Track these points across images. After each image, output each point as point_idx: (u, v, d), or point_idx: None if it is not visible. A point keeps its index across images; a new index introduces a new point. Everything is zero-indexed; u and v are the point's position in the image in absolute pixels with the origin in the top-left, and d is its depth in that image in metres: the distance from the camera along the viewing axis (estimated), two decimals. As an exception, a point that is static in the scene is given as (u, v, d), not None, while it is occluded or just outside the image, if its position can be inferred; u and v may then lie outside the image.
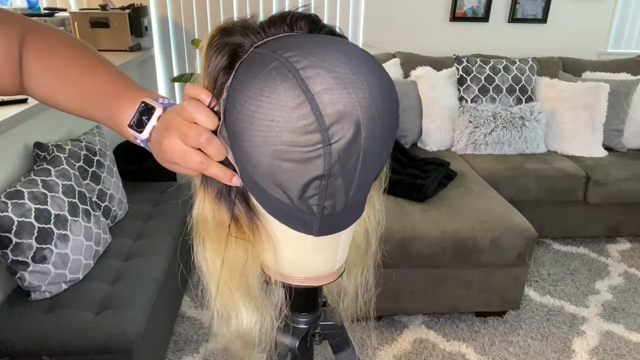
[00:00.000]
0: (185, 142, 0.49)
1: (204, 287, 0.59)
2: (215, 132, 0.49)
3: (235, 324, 0.60)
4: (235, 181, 0.51)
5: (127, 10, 2.70)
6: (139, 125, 0.55)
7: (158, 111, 0.54)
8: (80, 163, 1.87)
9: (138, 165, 2.49)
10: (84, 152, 1.91)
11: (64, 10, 2.82)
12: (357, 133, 0.43)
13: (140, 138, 0.55)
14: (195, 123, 0.49)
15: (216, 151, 0.49)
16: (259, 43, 0.49)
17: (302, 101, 0.42)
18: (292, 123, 0.42)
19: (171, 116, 0.51)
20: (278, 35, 0.50)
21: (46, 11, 2.77)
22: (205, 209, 0.55)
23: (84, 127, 2.23)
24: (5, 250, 1.43)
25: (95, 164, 1.94)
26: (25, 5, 2.74)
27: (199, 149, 0.49)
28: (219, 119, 0.49)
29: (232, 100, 0.47)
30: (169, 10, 3.04)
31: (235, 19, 0.51)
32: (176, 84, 3.19)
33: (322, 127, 0.42)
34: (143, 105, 0.55)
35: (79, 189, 1.72)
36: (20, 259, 1.46)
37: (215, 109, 0.50)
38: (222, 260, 0.56)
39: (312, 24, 0.51)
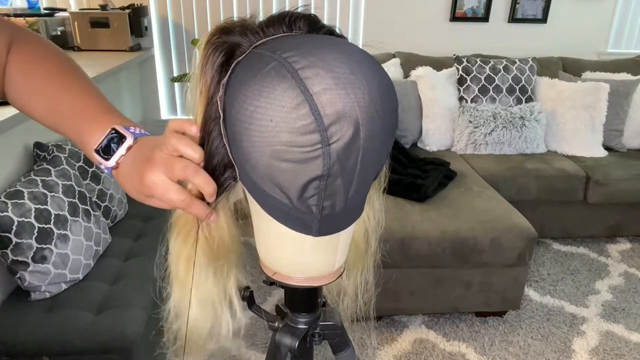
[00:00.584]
0: (171, 176, 0.49)
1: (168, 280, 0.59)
2: (206, 166, 0.49)
3: (192, 317, 0.60)
4: (212, 218, 0.52)
5: (127, 10, 2.70)
6: (106, 152, 0.53)
7: (128, 141, 0.53)
8: (80, 163, 1.87)
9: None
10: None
11: (64, 10, 2.82)
12: (356, 133, 0.43)
13: (106, 165, 0.54)
14: (181, 156, 0.49)
15: (204, 183, 0.49)
16: (257, 43, 0.49)
17: (301, 101, 0.42)
18: (290, 123, 0.42)
19: (152, 151, 0.50)
20: (277, 35, 0.50)
21: (46, 11, 2.77)
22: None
23: (84, 127, 2.23)
24: (5, 250, 1.43)
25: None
26: (25, 5, 2.74)
27: (182, 188, 0.49)
28: (219, 116, 0.49)
29: (230, 100, 0.47)
30: (169, 10, 3.04)
31: (234, 19, 0.51)
32: (176, 84, 3.19)
33: (321, 128, 0.42)
34: (114, 132, 0.54)
35: (79, 189, 1.72)
36: (20, 259, 1.46)
37: (199, 136, 0.50)
38: (187, 257, 0.56)
39: (311, 24, 0.51)
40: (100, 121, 0.55)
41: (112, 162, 0.53)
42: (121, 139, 0.53)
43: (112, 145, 0.53)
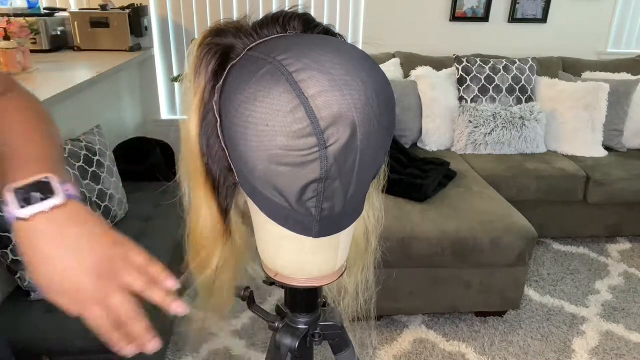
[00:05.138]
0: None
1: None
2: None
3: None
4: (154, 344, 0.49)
5: (127, 10, 2.70)
6: (26, 200, 0.44)
7: (56, 200, 0.45)
8: (80, 163, 1.87)
9: (138, 165, 2.49)
10: (84, 152, 1.91)
11: (64, 10, 2.82)
12: (353, 135, 0.43)
13: (15, 214, 0.45)
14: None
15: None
16: (252, 45, 0.49)
17: (297, 105, 0.42)
18: (287, 127, 0.42)
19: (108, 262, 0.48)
20: (271, 37, 0.49)
21: (46, 11, 2.77)
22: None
23: (84, 127, 2.23)
24: (5, 250, 1.43)
25: (95, 164, 1.94)
26: (25, 5, 2.74)
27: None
28: (216, 121, 0.49)
29: (226, 104, 0.47)
30: (169, 10, 3.04)
31: (228, 20, 0.51)
32: (176, 84, 3.19)
33: (318, 131, 0.42)
34: (46, 179, 0.45)
35: (79, 189, 1.72)
36: (20, 258, 1.46)
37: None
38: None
39: (305, 24, 0.51)
40: (40, 165, 0.48)
41: (25, 213, 0.44)
42: (50, 192, 0.45)
43: (35, 194, 0.45)
